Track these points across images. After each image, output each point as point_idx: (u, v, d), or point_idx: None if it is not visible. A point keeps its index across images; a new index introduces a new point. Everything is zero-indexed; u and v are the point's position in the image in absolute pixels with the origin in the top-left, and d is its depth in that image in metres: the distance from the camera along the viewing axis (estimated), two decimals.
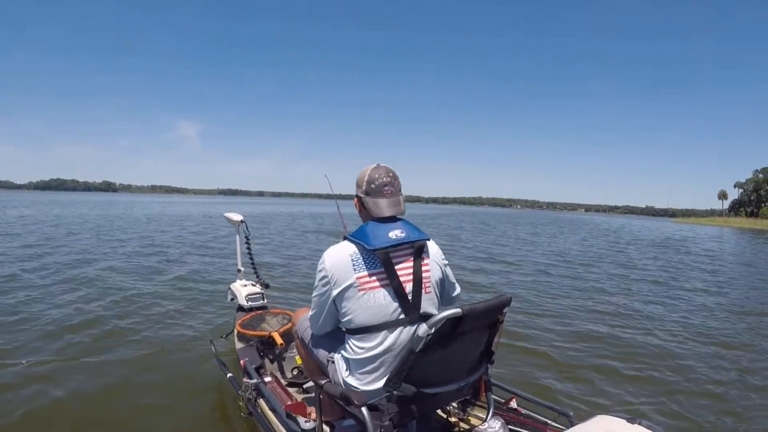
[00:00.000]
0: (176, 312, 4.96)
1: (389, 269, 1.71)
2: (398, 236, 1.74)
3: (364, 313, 1.71)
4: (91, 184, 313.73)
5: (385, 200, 1.81)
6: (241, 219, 3.79)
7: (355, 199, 1.91)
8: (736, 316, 6.13)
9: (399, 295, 1.71)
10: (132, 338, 4.04)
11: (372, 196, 1.82)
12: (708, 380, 3.68)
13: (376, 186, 1.81)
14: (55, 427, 2.60)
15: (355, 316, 1.73)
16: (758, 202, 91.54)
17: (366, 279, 1.71)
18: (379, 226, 1.77)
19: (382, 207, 1.80)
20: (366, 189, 1.83)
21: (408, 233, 1.77)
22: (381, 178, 1.82)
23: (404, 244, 1.75)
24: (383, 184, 1.82)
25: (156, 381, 3.24)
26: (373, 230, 1.75)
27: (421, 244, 1.78)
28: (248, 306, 3.48)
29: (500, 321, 1.75)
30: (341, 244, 1.80)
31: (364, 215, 1.89)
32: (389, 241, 1.72)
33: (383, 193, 1.81)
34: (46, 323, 4.29)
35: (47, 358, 3.49)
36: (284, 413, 2.06)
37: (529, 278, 8.54)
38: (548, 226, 35.19)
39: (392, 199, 1.82)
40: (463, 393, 1.85)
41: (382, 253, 1.70)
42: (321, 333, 2.00)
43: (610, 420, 1.41)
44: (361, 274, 1.71)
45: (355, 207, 1.93)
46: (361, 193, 1.85)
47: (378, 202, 1.81)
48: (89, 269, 7.17)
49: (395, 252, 1.74)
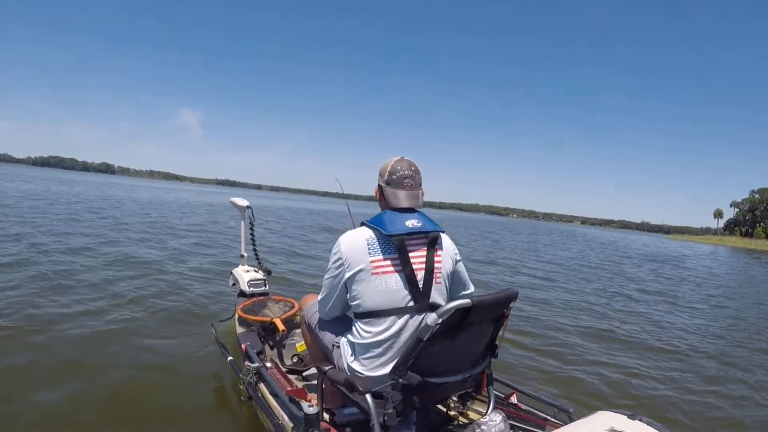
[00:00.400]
0: (176, 295, 4.96)
1: (403, 256, 1.76)
2: (414, 225, 1.79)
3: (374, 297, 1.75)
4: (89, 164, 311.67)
5: (405, 192, 1.87)
6: (247, 204, 3.81)
7: (376, 187, 1.97)
8: (737, 319, 6.24)
9: (410, 283, 1.76)
10: (132, 319, 4.04)
11: (392, 186, 1.88)
12: (708, 377, 3.75)
13: (398, 177, 1.88)
14: (51, 409, 2.58)
15: (365, 299, 1.77)
16: (753, 222, 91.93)
17: (380, 263, 1.76)
18: (396, 215, 1.82)
19: (400, 198, 1.86)
20: (387, 179, 1.90)
21: (424, 223, 1.82)
22: (403, 171, 1.89)
23: (420, 233, 1.80)
24: (404, 176, 1.88)
25: (155, 363, 3.24)
26: (391, 218, 1.81)
27: (435, 236, 1.84)
28: (250, 291, 3.49)
29: (506, 315, 1.78)
30: (358, 230, 1.85)
31: (383, 204, 1.94)
32: (406, 228, 1.77)
33: (403, 185, 1.87)
34: (39, 301, 4.28)
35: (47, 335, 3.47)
36: (286, 398, 2.06)
37: (531, 279, 8.62)
38: (547, 236, 35.20)
39: (411, 192, 1.88)
40: (466, 385, 1.87)
41: (397, 239, 1.76)
42: (329, 317, 2.04)
43: (610, 416, 1.42)
44: (375, 258, 1.76)
45: (375, 195, 1.99)
46: (383, 183, 1.92)
47: (397, 192, 1.87)
48: (86, 252, 7.15)
49: (410, 240, 1.79)
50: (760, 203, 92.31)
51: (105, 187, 35.62)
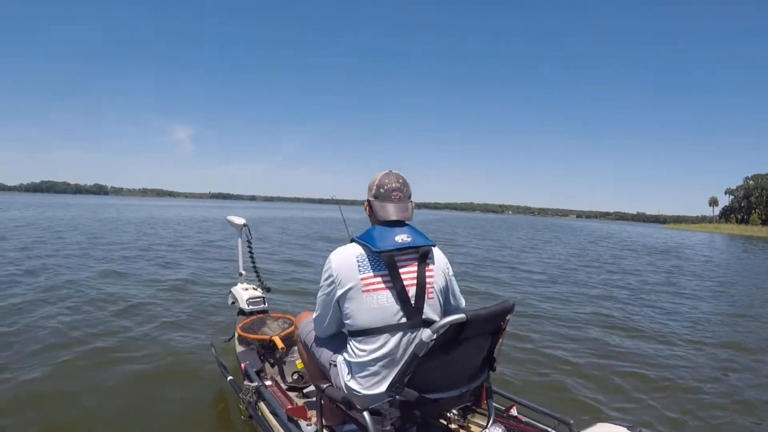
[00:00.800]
0: (176, 315, 4.95)
1: (393, 272, 1.75)
2: (404, 240, 1.78)
3: (367, 315, 1.74)
4: (82, 186, 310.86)
5: (393, 205, 1.87)
6: (244, 222, 3.81)
7: (365, 203, 1.97)
8: (742, 322, 6.12)
9: (401, 299, 1.74)
10: (131, 342, 4.03)
11: (380, 200, 1.88)
12: (711, 389, 3.66)
13: (385, 191, 1.88)
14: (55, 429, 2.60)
15: (358, 317, 1.76)
16: (749, 209, 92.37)
17: (370, 280, 1.75)
18: (386, 230, 1.82)
19: (389, 211, 1.86)
20: (375, 193, 1.90)
21: (414, 238, 1.81)
22: (390, 184, 1.89)
23: (409, 248, 1.79)
24: (392, 189, 1.89)
25: (155, 383, 3.23)
26: (380, 233, 1.80)
27: (426, 250, 1.82)
28: (249, 310, 3.48)
29: (503, 328, 1.77)
30: (348, 246, 1.85)
31: (373, 219, 1.94)
32: (395, 244, 1.76)
33: (392, 198, 1.88)
34: (44, 330, 4.25)
35: (41, 366, 3.42)
36: (285, 416, 2.06)
37: (529, 283, 8.57)
38: (543, 232, 35.21)
39: (400, 205, 1.88)
40: (464, 399, 1.86)
41: (387, 255, 1.75)
42: (325, 335, 2.03)
43: (610, 428, 1.43)
44: (365, 275, 1.75)
45: (365, 211, 1.98)
46: (371, 197, 1.92)
47: (386, 206, 1.87)
48: (84, 274, 7.13)
49: (400, 256, 1.78)
50: (754, 189, 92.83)
51: (100, 209, 35.47)
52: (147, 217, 26.88)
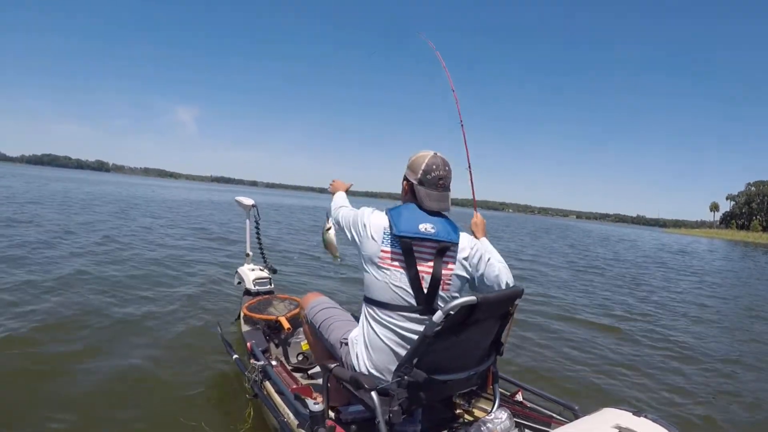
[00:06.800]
0: (182, 294, 4.98)
1: (409, 258, 1.73)
2: (427, 230, 1.73)
3: (381, 288, 1.75)
4: (83, 162, 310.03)
5: (437, 194, 1.81)
6: (253, 203, 3.81)
7: (404, 182, 1.88)
8: (743, 316, 6.23)
9: (414, 286, 1.74)
10: (138, 320, 4.06)
11: (426, 186, 1.80)
12: (714, 374, 3.72)
13: (432, 177, 1.79)
14: (60, 405, 2.61)
15: (374, 285, 1.77)
16: (749, 215, 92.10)
17: (388, 255, 1.75)
18: (416, 214, 1.78)
19: (431, 200, 1.80)
20: (421, 178, 1.80)
21: (438, 231, 1.75)
22: (438, 170, 1.80)
23: (430, 239, 1.74)
24: (439, 177, 1.80)
25: (161, 361, 3.25)
26: (409, 216, 1.77)
27: (446, 246, 1.75)
28: (255, 290, 3.50)
29: (511, 313, 1.78)
30: (382, 215, 1.82)
31: (407, 199, 1.87)
32: (417, 232, 1.73)
33: (437, 186, 1.80)
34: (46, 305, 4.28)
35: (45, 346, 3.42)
36: (291, 395, 2.07)
37: (537, 274, 8.57)
38: (554, 234, 35.13)
39: (443, 194, 1.82)
40: (471, 382, 1.87)
41: (405, 241, 1.72)
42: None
43: (615, 413, 1.42)
44: (385, 248, 1.75)
45: (403, 190, 1.90)
46: (414, 180, 1.82)
47: (430, 194, 1.80)
48: (89, 253, 7.13)
49: (420, 244, 1.74)
50: (756, 196, 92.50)
51: (101, 185, 35.40)
52: (153, 197, 26.85)
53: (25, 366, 3.00)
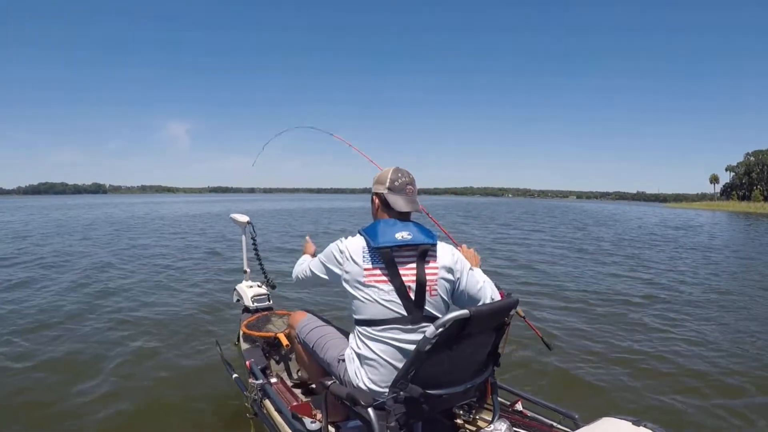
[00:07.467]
0: (181, 314, 4.98)
1: (392, 269, 1.78)
2: (404, 238, 1.82)
3: (370, 306, 1.79)
4: (80, 186, 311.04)
5: (406, 197, 1.95)
6: (248, 220, 3.81)
7: (374, 196, 2.02)
8: (751, 320, 5.67)
9: (401, 295, 1.78)
10: (137, 340, 4.07)
11: (395, 192, 1.95)
12: (717, 384, 3.58)
13: (400, 184, 1.96)
14: (58, 424, 2.64)
15: (362, 306, 1.81)
16: (750, 186, 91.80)
17: (372, 272, 1.80)
18: (389, 226, 1.86)
19: (402, 203, 1.93)
20: (390, 186, 1.96)
21: (414, 236, 1.84)
22: (404, 177, 1.97)
23: (408, 246, 1.81)
24: (406, 182, 1.97)
25: (161, 381, 3.26)
26: (383, 229, 1.85)
27: (425, 248, 1.84)
28: (254, 307, 3.50)
29: (507, 323, 1.77)
30: (356, 237, 1.90)
31: (377, 214, 2.00)
32: (394, 241, 1.80)
33: (406, 191, 1.96)
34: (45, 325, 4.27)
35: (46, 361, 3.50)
36: (290, 414, 2.07)
37: (533, 275, 8.25)
38: (553, 217, 35.01)
39: (411, 197, 1.97)
40: (469, 395, 1.87)
41: (385, 252, 1.78)
42: (297, 282, 2.22)
43: (615, 422, 1.41)
44: (368, 266, 1.80)
45: (373, 204, 2.02)
46: (384, 190, 1.97)
47: (399, 198, 1.94)
48: (89, 273, 7.14)
49: (399, 252, 1.81)
50: (755, 166, 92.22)
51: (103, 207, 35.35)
52: (149, 214, 26.83)
53: (31, 394, 3.05)
